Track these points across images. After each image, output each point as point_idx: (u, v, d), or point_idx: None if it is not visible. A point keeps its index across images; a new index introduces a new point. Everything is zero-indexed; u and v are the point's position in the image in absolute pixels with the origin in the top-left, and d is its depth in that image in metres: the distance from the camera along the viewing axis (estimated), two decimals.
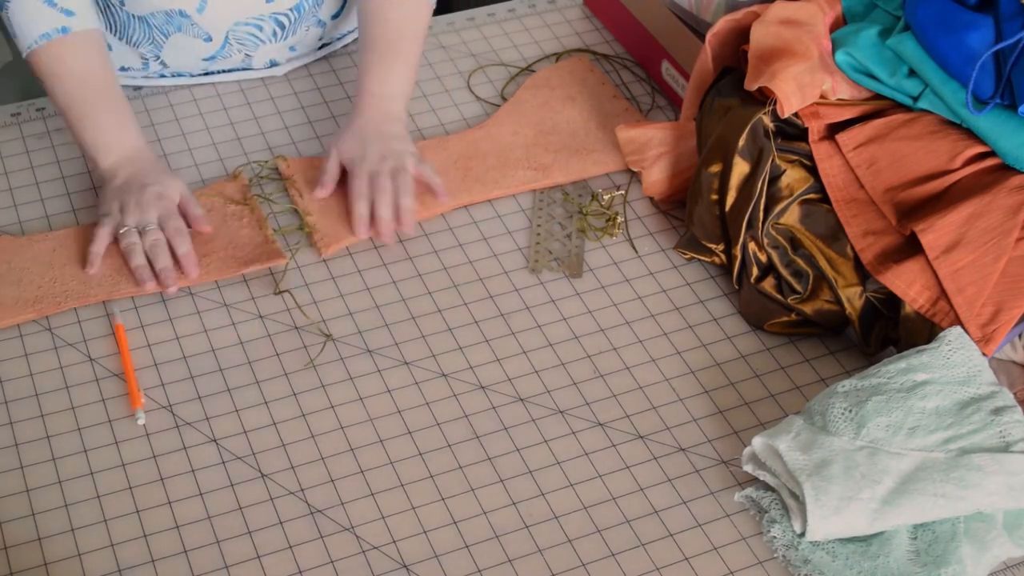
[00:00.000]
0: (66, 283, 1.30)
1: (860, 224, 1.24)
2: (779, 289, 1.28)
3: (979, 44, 1.21)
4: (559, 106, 1.53)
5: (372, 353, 1.27)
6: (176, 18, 1.42)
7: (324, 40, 1.57)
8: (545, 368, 1.26)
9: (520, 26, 1.67)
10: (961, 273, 1.18)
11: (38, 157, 1.46)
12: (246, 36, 1.46)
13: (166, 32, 1.43)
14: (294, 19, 1.47)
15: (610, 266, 1.37)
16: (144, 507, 1.13)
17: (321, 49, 1.58)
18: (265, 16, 1.45)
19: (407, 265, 1.36)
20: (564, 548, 1.12)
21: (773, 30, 1.30)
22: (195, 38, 1.44)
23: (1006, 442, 1.10)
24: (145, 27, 1.43)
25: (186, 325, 1.28)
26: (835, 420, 1.12)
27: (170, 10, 1.41)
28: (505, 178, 1.44)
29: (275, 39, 1.48)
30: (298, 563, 1.10)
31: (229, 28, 1.44)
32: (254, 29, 1.46)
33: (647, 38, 1.57)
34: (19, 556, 1.09)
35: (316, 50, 1.58)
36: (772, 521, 1.12)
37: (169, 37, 1.44)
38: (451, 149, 1.47)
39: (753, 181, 1.27)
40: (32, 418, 1.20)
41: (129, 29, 1.45)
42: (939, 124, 1.26)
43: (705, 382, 1.26)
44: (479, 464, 1.18)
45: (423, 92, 1.56)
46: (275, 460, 1.17)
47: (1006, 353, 1.22)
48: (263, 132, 1.49)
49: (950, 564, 1.06)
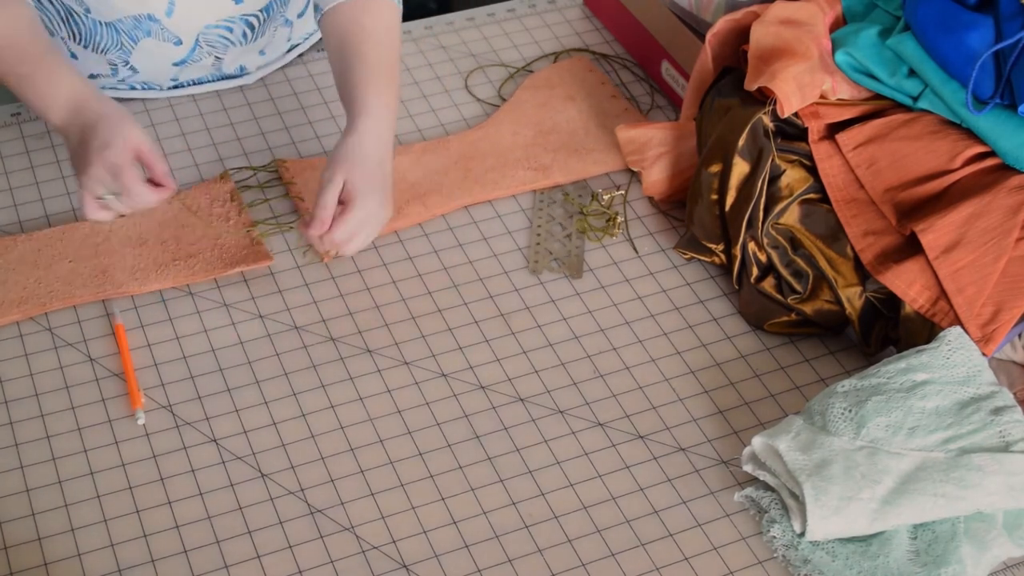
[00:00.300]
0: (51, 284, 1.30)
1: (860, 224, 1.24)
2: (779, 289, 1.28)
3: (979, 44, 1.21)
4: (559, 106, 1.53)
5: (372, 353, 1.27)
6: (145, 22, 1.40)
7: (292, 41, 1.56)
8: (545, 368, 1.26)
9: (520, 26, 1.67)
10: (961, 273, 1.18)
11: (38, 157, 1.46)
12: (216, 39, 1.45)
13: (135, 37, 1.41)
14: (263, 20, 1.46)
15: (610, 266, 1.37)
16: (144, 507, 1.13)
17: (289, 52, 1.58)
18: (235, 18, 1.44)
19: (407, 265, 1.36)
20: (564, 548, 1.12)
21: (773, 30, 1.30)
22: (164, 42, 1.43)
23: (1006, 442, 1.10)
24: (113, 33, 1.41)
25: (186, 325, 1.28)
26: (835, 420, 1.12)
27: (138, 15, 1.39)
28: (505, 178, 1.44)
29: (245, 41, 1.47)
30: (298, 563, 1.10)
31: (199, 31, 1.43)
32: (224, 31, 1.44)
33: (647, 38, 1.57)
34: (19, 556, 1.09)
35: (285, 53, 1.57)
36: (772, 521, 1.12)
37: (139, 42, 1.42)
38: (451, 150, 1.47)
39: (753, 181, 1.27)
40: (32, 418, 1.20)
41: (96, 36, 1.43)
42: (939, 124, 1.26)
43: (705, 382, 1.26)
44: (479, 464, 1.18)
45: (423, 92, 1.56)
46: (275, 460, 1.17)
47: (1006, 353, 1.22)
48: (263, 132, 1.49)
49: (950, 564, 1.06)
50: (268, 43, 1.53)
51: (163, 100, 1.52)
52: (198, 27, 1.42)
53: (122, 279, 1.31)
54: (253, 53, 1.52)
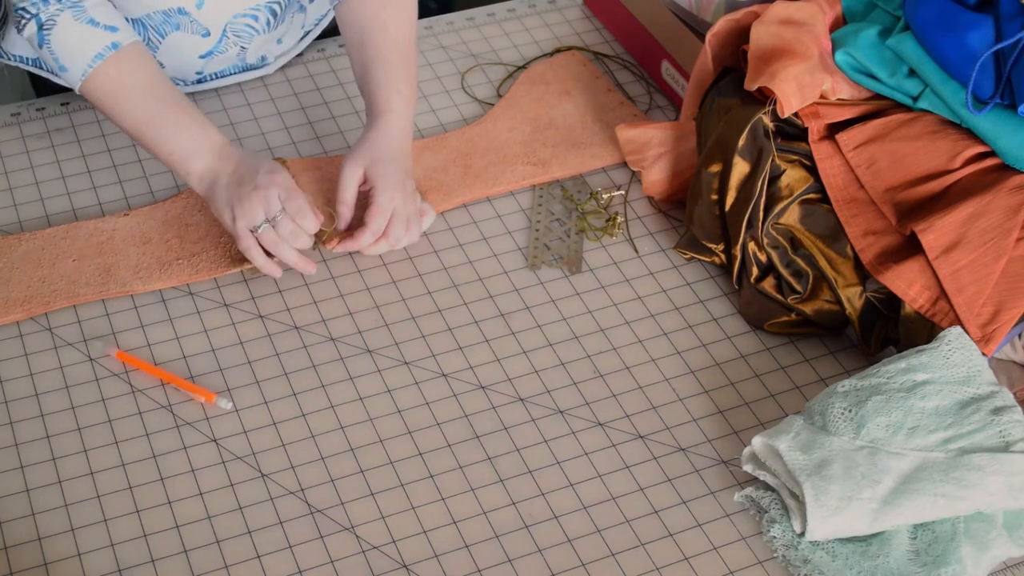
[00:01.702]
0: (55, 283, 1.30)
1: (860, 224, 1.24)
2: (779, 289, 1.28)
3: (979, 44, 1.21)
4: (555, 101, 1.54)
5: (372, 353, 1.27)
6: (175, 16, 1.41)
7: (305, 27, 1.57)
8: (545, 368, 1.26)
9: (520, 26, 1.67)
10: (961, 273, 1.18)
11: (38, 157, 1.46)
12: (243, 28, 1.45)
13: (163, 32, 1.42)
14: (284, 5, 1.47)
15: (610, 266, 1.37)
16: (144, 507, 1.13)
17: (303, 40, 1.58)
18: (260, 5, 1.44)
19: (407, 265, 1.36)
20: (564, 548, 1.12)
21: (773, 30, 1.30)
22: (193, 35, 1.44)
23: (1006, 442, 1.10)
24: (140, 28, 1.41)
25: (186, 325, 1.28)
26: (835, 420, 1.12)
27: (168, 9, 1.40)
28: (504, 174, 1.44)
29: (268, 28, 1.48)
30: (298, 563, 1.10)
31: (228, 21, 1.44)
32: (250, 20, 1.45)
33: (647, 38, 1.57)
34: (19, 556, 1.09)
35: (299, 41, 1.58)
36: (772, 521, 1.12)
37: (166, 37, 1.43)
38: (449, 147, 1.47)
39: (753, 181, 1.27)
40: (32, 418, 1.20)
41: None
42: (939, 124, 1.26)
43: (705, 382, 1.26)
44: (479, 464, 1.18)
45: (423, 92, 1.56)
46: (275, 460, 1.17)
47: (1006, 353, 1.22)
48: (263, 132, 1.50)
49: (950, 564, 1.06)
50: (286, 31, 1.53)
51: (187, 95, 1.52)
52: (227, 17, 1.43)
53: (126, 277, 1.31)
54: (272, 42, 1.53)
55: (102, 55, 1.28)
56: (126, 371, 1.24)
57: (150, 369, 1.23)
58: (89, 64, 1.28)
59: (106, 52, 1.28)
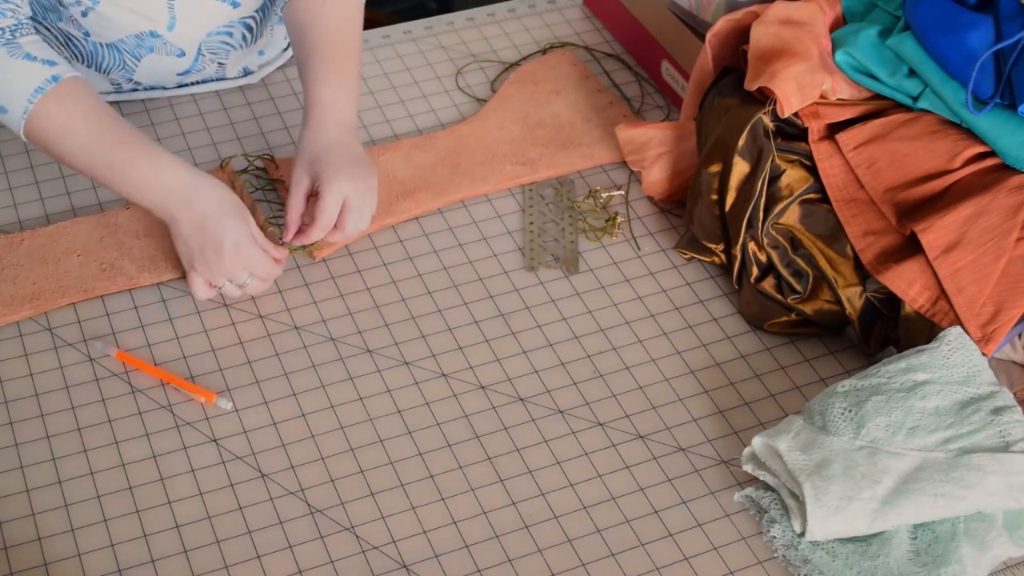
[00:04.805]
0: (61, 279, 1.30)
1: (860, 224, 1.24)
2: (779, 289, 1.28)
3: (979, 44, 1.21)
4: (544, 100, 1.54)
5: (372, 353, 1.27)
6: (147, 39, 1.38)
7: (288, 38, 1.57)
8: (545, 368, 1.26)
9: (520, 26, 1.67)
10: (961, 273, 1.18)
11: (38, 157, 1.45)
12: (218, 45, 1.44)
13: (138, 55, 1.40)
14: (260, 20, 1.46)
15: (610, 266, 1.37)
16: (144, 507, 1.13)
17: (286, 51, 1.58)
18: (234, 22, 1.43)
19: (407, 265, 1.36)
20: (564, 548, 1.12)
21: (773, 30, 1.30)
22: (167, 56, 1.42)
23: (1006, 442, 1.10)
24: (115, 53, 1.40)
25: (186, 325, 1.28)
26: (835, 420, 1.12)
27: (140, 33, 1.37)
28: (494, 173, 1.44)
29: (245, 44, 1.47)
30: (298, 563, 1.10)
31: (201, 40, 1.42)
32: (225, 37, 1.43)
33: (647, 38, 1.57)
34: (19, 556, 1.09)
35: (283, 51, 1.57)
36: (772, 521, 1.12)
37: (141, 60, 1.41)
38: (438, 146, 1.47)
39: (753, 181, 1.27)
40: (32, 418, 1.20)
41: (98, 58, 1.41)
42: (939, 124, 1.26)
43: (705, 382, 1.26)
44: (479, 464, 1.18)
45: (423, 92, 1.56)
46: (275, 460, 1.17)
47: (1006, 353, 1.22)
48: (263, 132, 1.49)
49: (950, 564, 1.06)
50: (267, 43, 1.53)
51: (163, 100, 1.52)
52: (200, 36, 1.41)
53: (133, 271, 1.31)
54: (253, 54, 1.52)
55: (42, 88, 1.22)
56: (126, 371, 1.24)
57: (150, 369, 1.23)
58: (29, 99, 1.22)
59: (46, 85, 1.22)
